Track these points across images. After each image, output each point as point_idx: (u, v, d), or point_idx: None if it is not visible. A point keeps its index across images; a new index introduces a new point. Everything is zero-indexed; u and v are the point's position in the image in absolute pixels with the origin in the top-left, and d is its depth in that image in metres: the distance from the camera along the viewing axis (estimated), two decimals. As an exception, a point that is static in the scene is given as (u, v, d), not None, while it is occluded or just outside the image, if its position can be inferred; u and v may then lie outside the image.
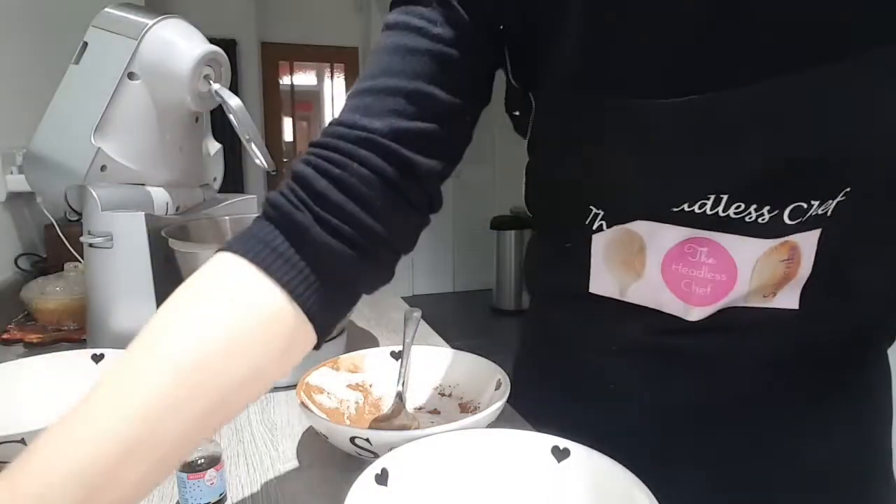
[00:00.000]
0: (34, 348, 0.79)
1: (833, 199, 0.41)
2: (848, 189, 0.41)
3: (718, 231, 0.44)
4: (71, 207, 0.71)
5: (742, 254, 0.44)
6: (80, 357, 0.61)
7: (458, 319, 4.19)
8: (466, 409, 0.58)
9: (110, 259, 0.66)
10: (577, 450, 0.44)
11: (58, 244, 0.95)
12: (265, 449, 0.54)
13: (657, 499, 0.37)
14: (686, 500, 0.46)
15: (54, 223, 0.97)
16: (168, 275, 0.66)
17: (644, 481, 0.39)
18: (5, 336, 0.81)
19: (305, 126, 4.75)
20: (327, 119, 4.76)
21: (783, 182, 0.41)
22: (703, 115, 0.39)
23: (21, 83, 1.11)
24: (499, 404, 0.50)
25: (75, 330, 0.82)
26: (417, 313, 0.66)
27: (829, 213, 0.42)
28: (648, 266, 0.47)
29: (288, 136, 4.61)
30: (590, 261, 0.50)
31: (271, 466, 0.51)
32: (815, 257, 0.43)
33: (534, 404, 0.60)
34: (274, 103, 4.43)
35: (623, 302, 0.49)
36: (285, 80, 4.50)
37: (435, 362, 0.62)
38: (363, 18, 4.31)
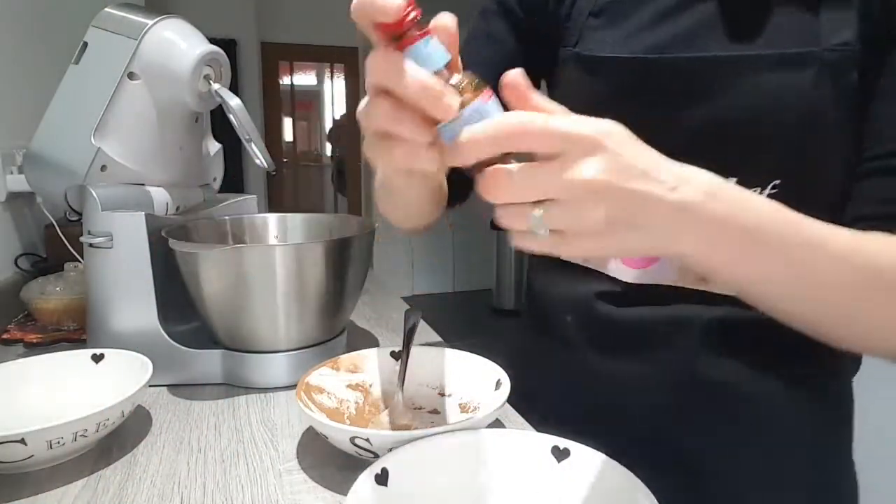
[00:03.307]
0: (34, 348, 0.79)
1: (762, 188, 0.49)
2: (777, 181, 0.48)
3: None
4: (71, 207, 0.71)
5: None
6: (80, 357, 0.61)
7: (458, 319, 4.19)
8: (466, 409, 0.58)
9: (110, 259, 0.66)
10: (577, 450, 0.44)
11: (58, 244, 0.95)
12: (265, 449, 0.54)
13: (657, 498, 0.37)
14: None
15: (54, 223, 0.97)
16: (168, 275, 0.66)
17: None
18: (5, 336, 0.81)
19: (305, 126, 4.75)
20: (327, 119, 4.76)
21: (708, 154, 0.47)
22: (654, 71, 0.50)
23: (21, 83, 1.11)
24: (499, 404, 0.50)
25: (75, 330, 0.82)
26: (417, 313, 0.66)
27: None
28: None
29: (288, 136, 4.61)
30: None
31: (271, 466, 0.51)
32: None
33: (533, 404, 0.60)
34: (274, 103, 4.43)
35: (581, 266, 0.58)
36: (285, 80, 4.51)
37: (435, 362, 0.62)
38: (363, 18, 4.31)
